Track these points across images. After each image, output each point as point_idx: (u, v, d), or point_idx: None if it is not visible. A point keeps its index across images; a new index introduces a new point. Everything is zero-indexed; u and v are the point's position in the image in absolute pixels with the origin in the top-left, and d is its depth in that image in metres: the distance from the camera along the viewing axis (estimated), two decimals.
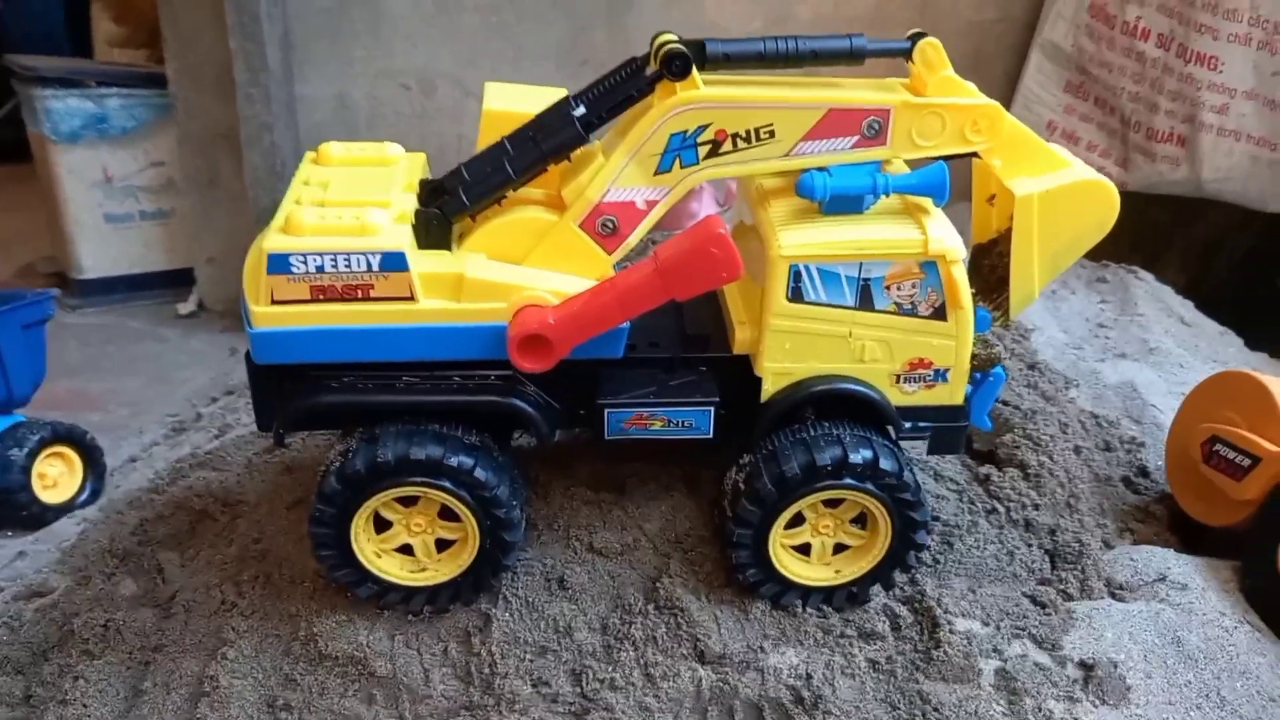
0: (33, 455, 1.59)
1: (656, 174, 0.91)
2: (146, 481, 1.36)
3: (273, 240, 0.85)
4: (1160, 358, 1.64)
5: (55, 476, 1.62)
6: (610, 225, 0.92)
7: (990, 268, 1.04)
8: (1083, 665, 0.99)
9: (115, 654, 1.02)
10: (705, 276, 0.84)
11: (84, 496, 1.63)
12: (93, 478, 1.52)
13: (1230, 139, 2.00)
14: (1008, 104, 2.22)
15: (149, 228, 2.64)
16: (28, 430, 1.61)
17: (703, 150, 0.91)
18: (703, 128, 0.90)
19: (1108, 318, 1.79)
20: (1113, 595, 1.09)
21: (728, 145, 0.91)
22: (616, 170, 0.90)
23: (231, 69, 2.23)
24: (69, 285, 2.58)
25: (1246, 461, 1.12)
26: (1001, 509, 1.18)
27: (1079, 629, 1.03)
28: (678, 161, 0.91)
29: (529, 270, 0.91)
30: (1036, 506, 1.18)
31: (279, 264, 0.85)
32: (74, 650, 1.04)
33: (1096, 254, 2.03)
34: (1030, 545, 1.14)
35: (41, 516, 1.57)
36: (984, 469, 1.23)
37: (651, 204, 0.92)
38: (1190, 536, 1.22)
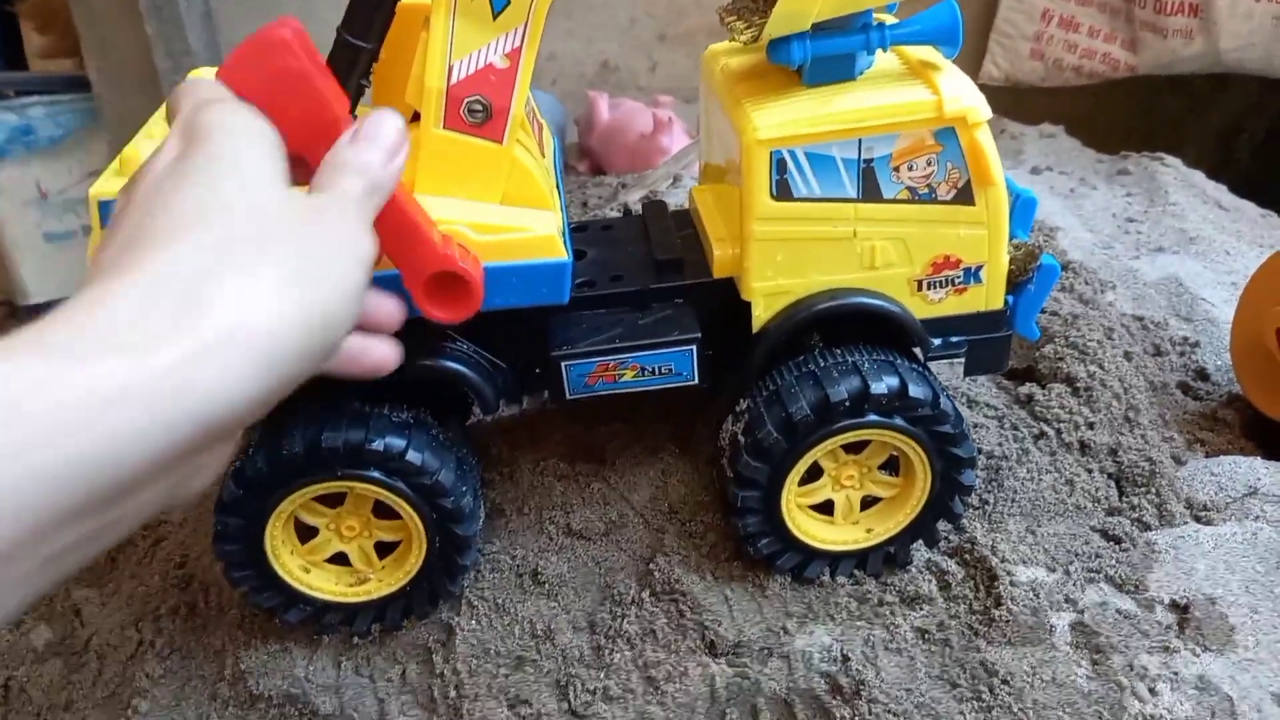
0: None
1: (496, 18, 0.68)
2: None
3: (102, 184, 0.67)
4: (1203, 246, 1.46)
5: None
6: (480, 107, 0.70)
7: None
8: (1175, 607, 0.82)
9: (19, 717, 0.86)
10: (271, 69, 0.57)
11: None
12: None
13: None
14: None
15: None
16: None
17: None
18: None
19: (1136, 211, 1.60)
20: (1197, 519, 0.92)
21: None
22: (445, 40, 0.68)
23: (154, 60, 2.08)
24: (16, 313, 2.43)
25: None
26: (1051, 431, 1.00)
27: (1164, 563, 0.85)
28: None
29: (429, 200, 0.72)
30: (1091, 425, 1.00)
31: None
32: None
33: (1112, 147, 1.85)
34: (1091, 470, 0.96)
35: None
36: (1025, 388, 1.05)
37: (514, 55, 0.69)
38: (1272, 439, 1.04)
